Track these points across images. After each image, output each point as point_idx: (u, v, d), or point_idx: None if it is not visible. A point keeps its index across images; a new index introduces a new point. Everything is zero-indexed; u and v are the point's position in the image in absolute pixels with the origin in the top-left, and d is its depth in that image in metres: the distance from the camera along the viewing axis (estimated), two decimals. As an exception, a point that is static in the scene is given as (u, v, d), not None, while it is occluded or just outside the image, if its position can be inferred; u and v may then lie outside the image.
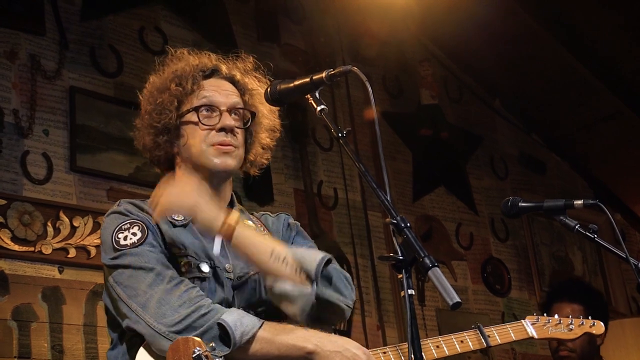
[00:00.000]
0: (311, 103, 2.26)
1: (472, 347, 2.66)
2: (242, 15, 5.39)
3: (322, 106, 2.23)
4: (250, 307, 2.29)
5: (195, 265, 2.26)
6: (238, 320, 2.11)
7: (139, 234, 2.25)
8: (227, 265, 2.33)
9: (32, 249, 3.92)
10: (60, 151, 4.22)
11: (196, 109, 2.40)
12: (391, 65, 6.18)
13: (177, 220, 2.33)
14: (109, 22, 4.67)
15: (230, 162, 2.40)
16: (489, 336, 2.69)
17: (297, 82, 2.30)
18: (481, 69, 6.58)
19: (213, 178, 2.42)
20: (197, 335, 2.05)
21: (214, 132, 2.39)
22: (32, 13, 4.34)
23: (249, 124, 2.48)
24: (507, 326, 2.83)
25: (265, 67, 2.60)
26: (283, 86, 2.33)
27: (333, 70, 2.25)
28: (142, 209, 2.34)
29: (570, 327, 3.03)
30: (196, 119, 2.39)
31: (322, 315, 2.28)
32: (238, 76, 2.52)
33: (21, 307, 3.81)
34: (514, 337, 2.83)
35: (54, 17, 4.42)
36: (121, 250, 2.23)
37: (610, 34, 5.91)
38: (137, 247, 2.22)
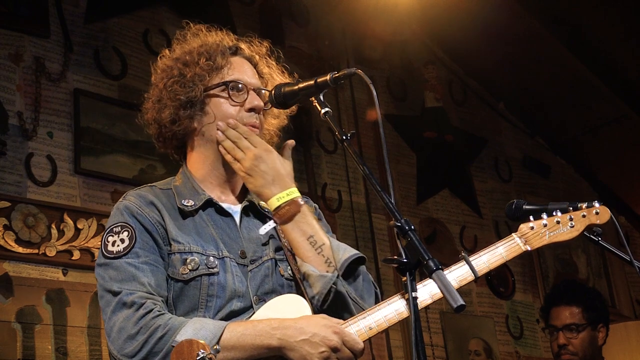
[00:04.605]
0: (315, 106, 2.26)
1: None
2: (246, 18, 5.39)
3: (327, 109, 2.24)
4: (263, 293, 2.26)
5: (202, 262, 2.22)
6: (194, 336, 2.04)
7: (127, 242, 2.21)
8: (240, 251, 2.30)
9: (36, 251, 3.92)
10: (65, 153, 4.22)
11: (226, 84, 2.37)
12: (395, 67, 6.18)
13: (187, 206, 2.32)
14: (113, 24, 4.68)
15: None
16: (476, 266, 2.34)
17: (301, 85, 2.31)
18: (484, 70, 6.57)
19: None
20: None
21: (243, 111, 2.37)
22: (37, 16, 4.35)
23: (268, 106, 2.44)
24: (499, 245, 2.43)
25: (279, 52, 2.59)
26: (287, 89, 2.34)
27: (337, 72, 2.25)
28: (149, 202, 2.32)
29: (571, 224, 2.54)
30: (226, 95, 2.37)
31: (336, 309, 2.22)
32: (257, 58, 2.51)
33: (25, 309, 3.82)
34: (505, 258, 2.42)
35: (58, 20, 4.43)
36: (107, 257, 2.21)
37: (615, 37, 5.90)
38: (119, 257, 2.19)
